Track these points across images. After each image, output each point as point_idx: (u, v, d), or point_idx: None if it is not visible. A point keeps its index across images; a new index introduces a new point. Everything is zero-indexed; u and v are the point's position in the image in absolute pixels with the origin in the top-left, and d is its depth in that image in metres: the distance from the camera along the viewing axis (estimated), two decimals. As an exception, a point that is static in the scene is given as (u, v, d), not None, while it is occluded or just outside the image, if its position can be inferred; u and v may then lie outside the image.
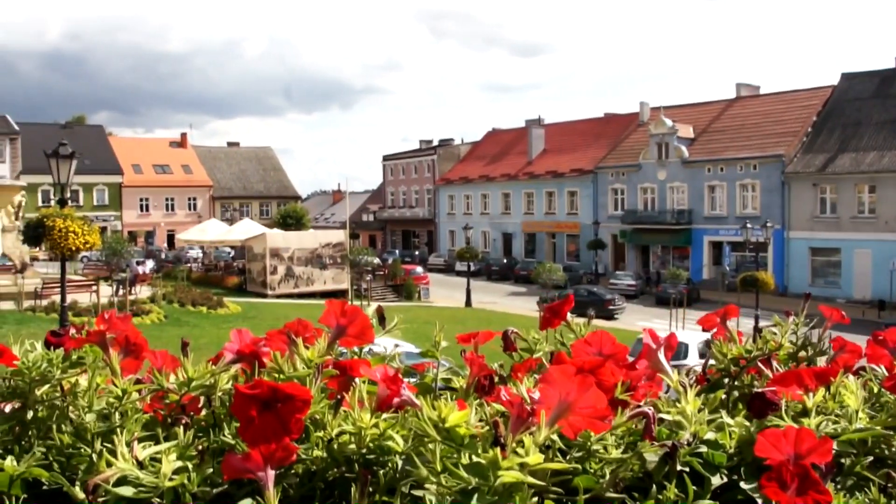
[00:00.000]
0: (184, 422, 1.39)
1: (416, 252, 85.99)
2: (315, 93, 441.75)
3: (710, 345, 1.79)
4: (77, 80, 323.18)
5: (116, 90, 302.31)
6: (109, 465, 1.20)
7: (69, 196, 21.74)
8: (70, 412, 1.43)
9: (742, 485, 1.33)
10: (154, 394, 1.49)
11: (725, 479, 1.35)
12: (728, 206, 58.06)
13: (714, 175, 59.08)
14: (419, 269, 59.60)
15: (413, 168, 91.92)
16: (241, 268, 52.73)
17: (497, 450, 1.13)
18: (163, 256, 69.02)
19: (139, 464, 1.23)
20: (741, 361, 1.71)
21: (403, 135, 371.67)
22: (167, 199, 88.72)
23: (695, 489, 1.28)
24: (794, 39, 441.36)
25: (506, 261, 71.43)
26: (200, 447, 1.30)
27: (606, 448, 1.33)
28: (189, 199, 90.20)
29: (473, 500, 1.13)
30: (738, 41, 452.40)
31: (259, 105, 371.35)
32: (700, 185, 59.80)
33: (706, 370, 1.78)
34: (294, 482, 1.29)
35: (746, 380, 1.72)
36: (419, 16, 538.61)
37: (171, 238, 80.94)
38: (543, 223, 73.19)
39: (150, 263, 54.58)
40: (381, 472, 1.28)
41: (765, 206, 54.99)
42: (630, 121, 70.52)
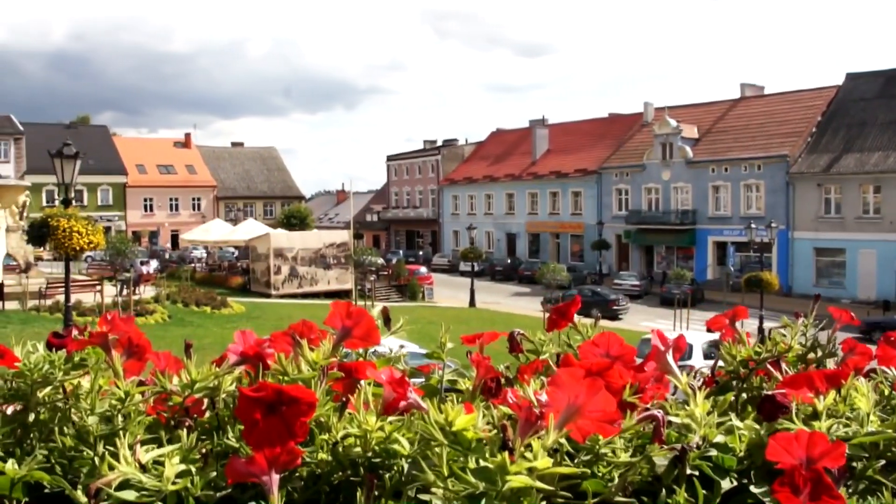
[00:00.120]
0: (187, 424, 1.38)
1: (420, 252, 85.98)
2: (319, 93, 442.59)
3: (719, 346, 1.78)
4: (81, 81, 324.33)
5: (120, 90, 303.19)
6: (112, 469, 1.19)
7: (73, 196, 21.75)
8: (72, 414, 1.42)
9: (752, 488, 1.32)
10: (157, 396, 1.48)
11: (735, 483, 1.34)
12: (732, 207, 58.00)
13: (718, 175, 59.02)
14: (423, 270, 59.58)
15: (417, 168, 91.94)
16: (245, 268, 52.75)
17: (505, 454, 1.11)
18: (167, 256, 69.11)
19: (142, 467, 1.22)
20: (750, 363, 1.69)
21: (407, 135, 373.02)
22: (171, 200, 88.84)
23: (704, 493, 1.27)
24: (799, 39, 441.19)
25: (510, 261, 71.41)
26: (204, 450, 1.29)
27: (615, 451, 1.31)
28: (193, 200, 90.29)
29: (481, 505, 1.11)
30: (743, 41, 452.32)
31: (263, 105, 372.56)
32: (704, 186, 59.74)
33: (714, 372, 1.76)
34: (299, 485, 1.28)
35: (755, 382, 1.70)
36: (423, 16, 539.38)
37: (175, 238, 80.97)
38: (547, 223, 73.17)
39: (154, 263, 54.72)
40: (387, 476, 1.27)
41: (769, 207, 54.92)
42: (634, 121, 70.48)
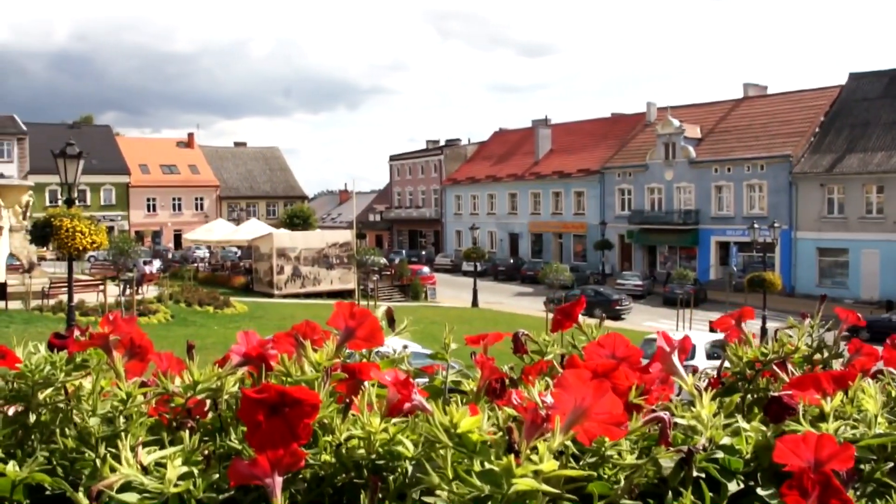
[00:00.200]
0: (189, 426, 1.37)
1: (423, 252, 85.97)
2: (322, 93, 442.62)
3: (723, 346, 1.77)
4: (84, 81, 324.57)
5: (123, 90, 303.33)
6: (113, 471, 1.18)
7: (76, 196, 21.76)
8: (74, 416, 1.41)
9: (759, 491, 1.31)
10: (159, 397, 1.47)
11: (742, 486, 1.33)
12: (735, 207, 57.94)
13: (721, 175, 58.97)
14: (426, 270, 59.52)
15: (420, 168, 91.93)
16: (248, 268, 52.77)
17: (511, 457, 1.10)
18: (169, 256, 69.17)
19: (144, 469, 1.21)
20: (756, 364, 1.68)
21: (410, 135, 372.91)
22: (174, 199, 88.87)
23: (711, 496, 1.26)
24: (802, 39, 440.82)
25: (512, 261, 71.35)
26: (206, 452, 1.28)
27: (621, 453, 1.31)
28: (196, 199, 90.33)
29: (486, 508, 1.10)
30: (746, 41, 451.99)
31: (266, 105, 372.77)
32: (707, 186, 59.69)
33: (721, 373, 1.75)
34: (302, 488, 1.27)
35: (762, 383, 1.69)
36: (426, 16, 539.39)
37: (178, 238, 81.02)
38: (550, 223, 73.13)
39: (157, 263, 54.75)
40: (391, 478, 1.26)
41: (772, 207, 54.87)
42: (637, 121, 70.44)
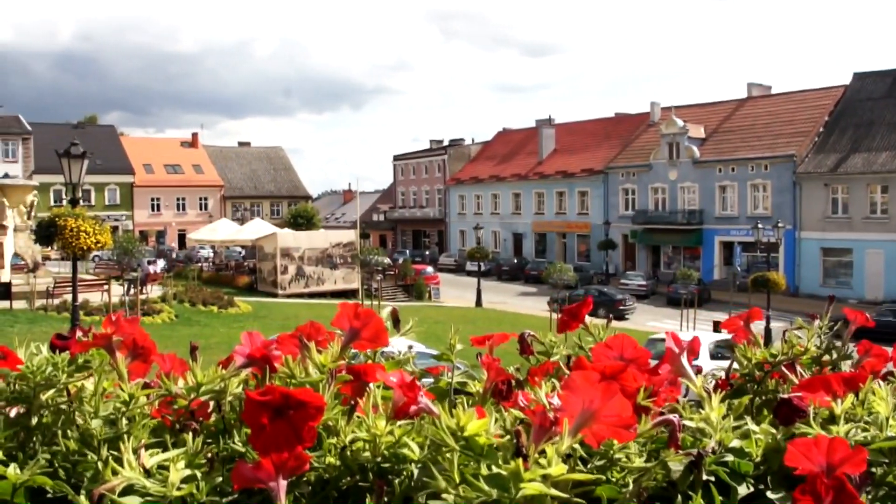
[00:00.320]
0: (193, 428, 1.35)
1: (427, 252, 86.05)
2: (325, 93, 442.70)
3: (728, 346, 1.75)
4: (88, 81, 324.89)
5: (128, 90, 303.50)
6: (115, 474, 1.17)
7: (81, 196, 21.81)
8: (76, 417, 1.39)
9: (769, 494, 1.30)
10: (162, 399, 1.46)
11: (752, 489, 1.31)
12: (739, 207, 57.90)
13: (725, 175, 58.92)
14: (430, 269, 59.55)
15: (423, 168, 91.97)
16: (252, 267, 52.81)
17: (519, 461, 1.09)
18: (174, 256, 69.22)
19: (146, 472, 1.20)
20: (766, 366, 1.66)
21: (414, 135, 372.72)
22: (178, 199, 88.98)
23: (721, 499, 1.24)
24: (806, 39, 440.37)
25: (516, 261, 71.39)
26: (210, 454, 1.27)
27: (629, 456, 1.29)
28: (200, 199, 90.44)
29: (494, 513, 1.09)
30: (750, 41, 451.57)
31: (270, 105, 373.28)
32: (711, 185, 59.65)
33: (729, 374, 1.73)
34: (306, 491, 1.25)
35: (771, 385, 1.67)
36: (429, 16, 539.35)
37: (182, 237, 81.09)
38: (554, 223, 73.13)
39: (161, 263, 54.73)
40: (397, 482, 1.25)
41: (776, 207, 54.81)
42: (641, 121, 70.41)
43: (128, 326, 1.54)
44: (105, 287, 32.77)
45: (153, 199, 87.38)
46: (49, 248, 32.74)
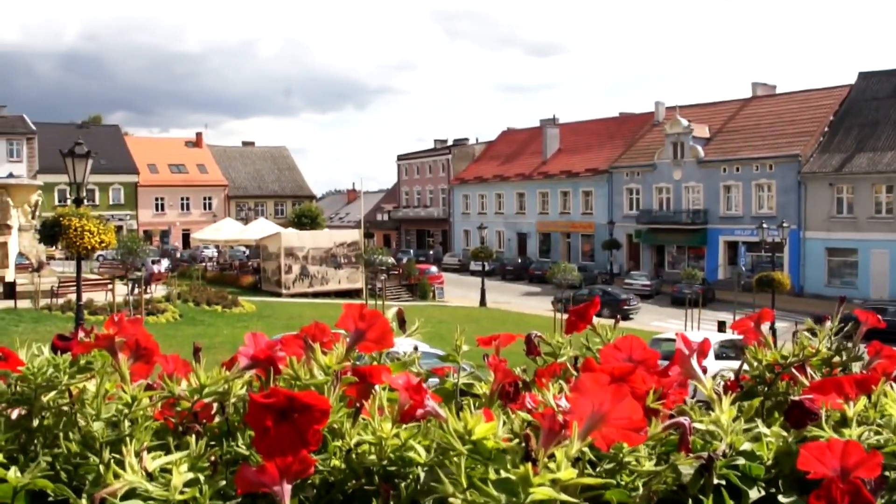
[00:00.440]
0: (196, 430, 1.33)
1: (431, 251, 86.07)
2: (329, 93, 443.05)
3: (737, 347, 1.73)
4: (93, 81, 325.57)
5: (132, 90, 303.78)
6: (117, 477, 1.15)
7: (85, 195, 21.81)
8: (77, 419, 1.38)
9: (780, 499, 1.28)
10: (165, 400, 1.44)
11: (763, 493, 1.29)
12: (744, 206, 57.84)
13: (730, 175, 58.85)
14: (434, 269, 59.61)
15: (428, 168, 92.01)
16: (256, 267, 52.86)
17: (528, 465, 1.07)
18: (178, 255, 69.34)
19: (149, 475, 1.18)
20: (776, 367, 1.64)
21: (418, 134, 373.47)
22: (182, 199, 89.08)
23: (732, 503, 1.22)
24: (811, 38, 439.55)
25: (520, 260, 71.37)
26: (213, 457, 1.25)
27: (639, 460, 1.27)
28: (204, 199, 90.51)
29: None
30: (754, 40, 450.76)
31: (274, 105, 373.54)
32: (716, 185, 59.58)
33: (739, 376, 1.71)
34: (311, 494, 1.24)
35: (781, 387, 1.65)
36: (433, 16, 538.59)
37: (187, 237, 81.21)
38: (558, 223, 73.11)
39: (166, 262, 54.86)
40: (403, 485, 1.23)
41: (781, 206, 54.74)
42: (645, 120, 70.36)
43: (130, 327, 1.52)
44: (109, 286, 32.82)
45: (157, 199, 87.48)
46: (53, 248, 32.71)
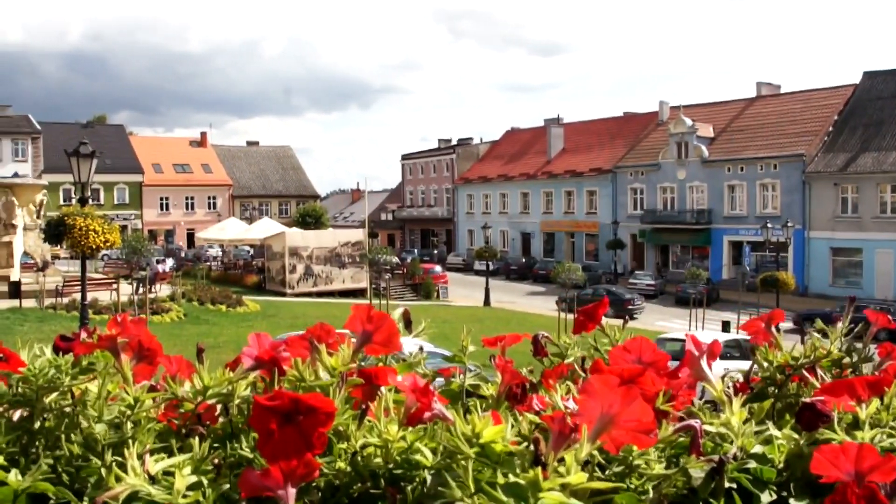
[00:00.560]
0: (199, 432, 1.32)
1: (435, 251, 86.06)
2: (334, 92, 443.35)
3: (744, 347, 1.72)
4: (98, 80, 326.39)
5: (137, 90, 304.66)
6: (119, 480, 1.13)
7: (90, 195, 21.81)
8: (79, 421, 1.36)
9: (792, 502, 1.26)
10: (168, 402, 1.43)
11: (774, 497, 1.27)
12: (748, 206, 57.75)
13: (734, 174, 58.78)
14: (438, 268, 59.58)
15: (432, 167, 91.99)
16: (261, 266, 52.89)
17: (538, 469, 1.05)
18: (182, 255, 69.42)
19: (151, 478, 1.16)
20: (787, 369, 1.62)
21: (422, 134, 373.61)
22: (187, 198, 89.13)
23: (743, 507, 1.21)
24: (816, 38, 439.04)
25: (524, 260, 71.34)
26: (216, 460, 1.23)
27: (649, 463, 1.25)
28: (209, 198, 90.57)
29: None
30: (759, 40, 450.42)
31: (278, 104, 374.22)
32: (720, 185, 59.51)
33: (749, 377, 1.69)
34: (316, 498, 1.22)
35: (792, 389, 1.63)
36: (437, 15, 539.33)
37: (191, 237, 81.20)
38: (562, 222, 73.07)
39: (170, 262, 54.88)
40: (409, 489, 1.21)
41: (785, 206, 54.66)
42: (649, 120, 70.29)
43: (133, 327, 1.50)
44: (114, 286, 32.88)
45: (162, 199, 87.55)
46: (58, 247, 32.81)
